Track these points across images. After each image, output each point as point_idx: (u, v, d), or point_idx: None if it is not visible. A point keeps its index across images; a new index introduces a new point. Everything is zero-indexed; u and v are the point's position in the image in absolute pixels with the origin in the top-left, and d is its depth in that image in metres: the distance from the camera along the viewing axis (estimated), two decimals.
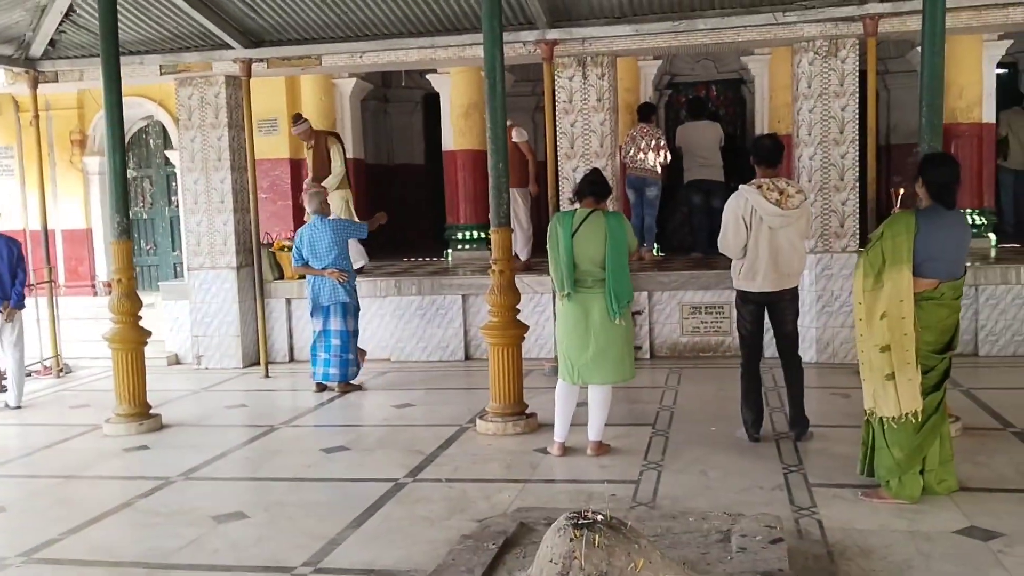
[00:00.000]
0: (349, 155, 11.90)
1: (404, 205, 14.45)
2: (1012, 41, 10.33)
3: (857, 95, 8.15)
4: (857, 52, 8.10)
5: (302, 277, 8.52)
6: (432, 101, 14.40)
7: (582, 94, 8.58)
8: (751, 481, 4.99)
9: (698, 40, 8.15)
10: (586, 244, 5.49)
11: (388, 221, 8.70)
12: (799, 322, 6.10)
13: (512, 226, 9.37)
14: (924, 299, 4.54)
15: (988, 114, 10.20)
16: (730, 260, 5.99)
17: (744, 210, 5.80)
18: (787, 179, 6.07)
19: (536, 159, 9.78)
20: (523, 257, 9.86)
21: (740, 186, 5.98)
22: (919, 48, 10.43)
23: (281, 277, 9.76)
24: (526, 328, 6.45)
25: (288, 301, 9.75)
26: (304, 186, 9.81)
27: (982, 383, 7.30)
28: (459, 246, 11.69)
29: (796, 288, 5.96)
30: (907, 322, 4.52)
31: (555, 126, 8.54)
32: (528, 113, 13.99)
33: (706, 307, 8.96)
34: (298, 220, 11.55)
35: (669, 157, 10.30)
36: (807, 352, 8.38)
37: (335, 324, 8.14)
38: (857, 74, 8.14)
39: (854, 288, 4.78)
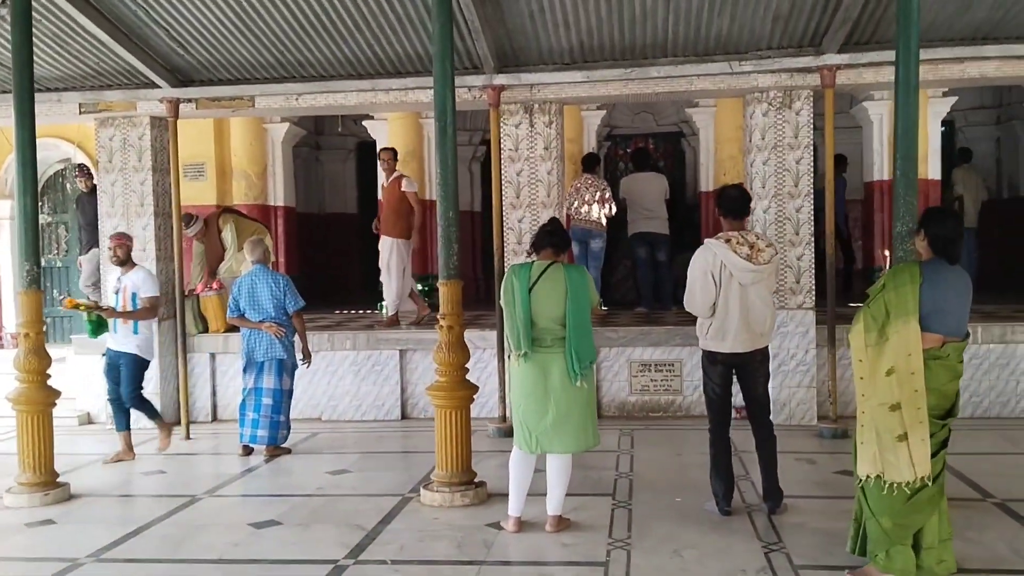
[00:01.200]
0: (280, 202, 11.40)
1: (336, 255, 13.94)
2: (957, 98, 10.40)
3: (811, 148, 7.97)
4: (811, 104, 7.94)
5: (235, 329, 7.91)
6: (366, 148, 14.02)
7: (529, 142, 8.23)
8: (731, 563, 4.55)
9: (650, 89, 7.88)
10: (545, 299, 5.06)
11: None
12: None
13: (384, 278, 9.25)
14: (929, 358, 4.23)
15: (934, 171, 10.20)
16: (691, 318, 5.64)
17: (713, 265, 5.45)
18: (756, 232, 5.77)
19: (420, 211, 9.58)
20: (391, 311, 9.49)
21: (706, 240, 5.65)
22: (864, 104, 10.56)
23: (205, 330, 9.11)
24: (475, 389, 5.97)
25: (212, 356, 9.10)
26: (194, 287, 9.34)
27: (953, 447, 7.02)
28: None
29: (767, 348, 5.61)
30: (917, 377, 4.18)
31: (500, 175, 8.14)
32: (465, 163, 13.66)
33: (656, 365, 8.60)
34: None
35: (614, 209, 10.03)
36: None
37: (268, 382, 7.58)
38: (811, 126, 7.97)
39: (853, 345, 4.44)
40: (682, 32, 7.37)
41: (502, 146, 8.20)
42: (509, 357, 5.30)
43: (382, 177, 9.55)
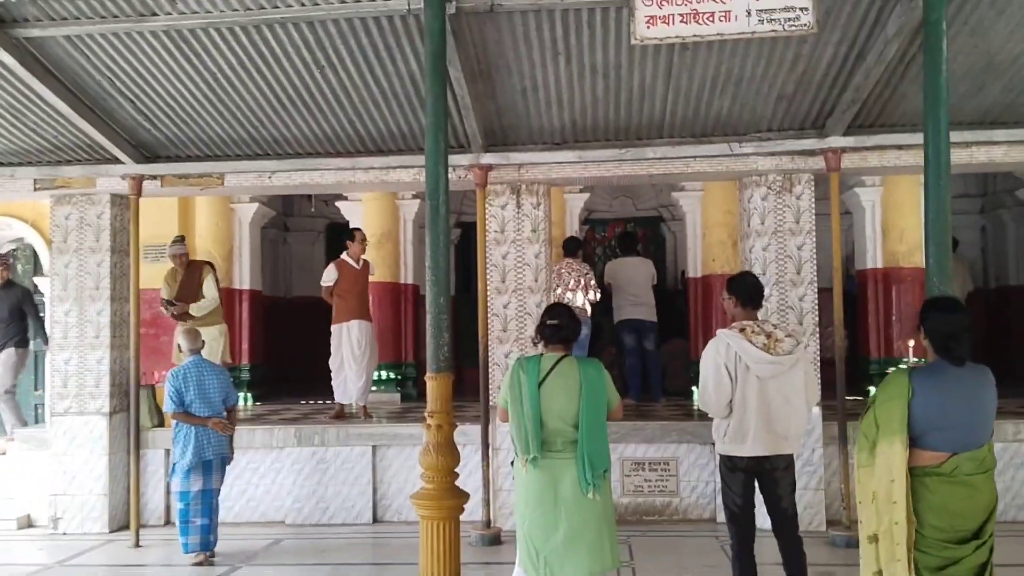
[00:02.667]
0: (246, 286, 10.81)
1: (303, 342, 13.28)
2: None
3: (814, 234, 7.59)
4: (812, 188, 7.59)
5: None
6: (336, 230, 13.51)
7: (515, 224, 7.76)
8: None
9: (644, 170, 7.49)
10: (556, 397, 4.50)
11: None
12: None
13: (350, 366, 8.72)
14: (928, 475, 3.70)
15: None
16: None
17: (726, 358, 4.96)
18: (773, 322, 5.30)
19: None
20: (363, 402, 8.96)
21: (719, 331, 5.17)
22: (856, 190, 10.29)
23: (161, 424, 8.38)
24: (466, 497, 5.33)
25: (168, 452, 8.33)
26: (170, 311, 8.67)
27: None
28: None
29: (792, 456, 5.08)
30: (898, 508, 3.65)
31: (486, 258, 7.65)
32: None
33: (650, 463, 8.01)
34: None
35: (598, 295, 9.58)
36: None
37: (217, 482, 7.03)
38: (813, 212, 7.61)
39: (855, 463, 3.96)
40: (680, 112, 7.01)
41: (487, 228, 7.72)
42: (513, 463, 4.71)
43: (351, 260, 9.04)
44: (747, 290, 5.20)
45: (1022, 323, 11.98)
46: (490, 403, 7.51)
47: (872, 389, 9.93)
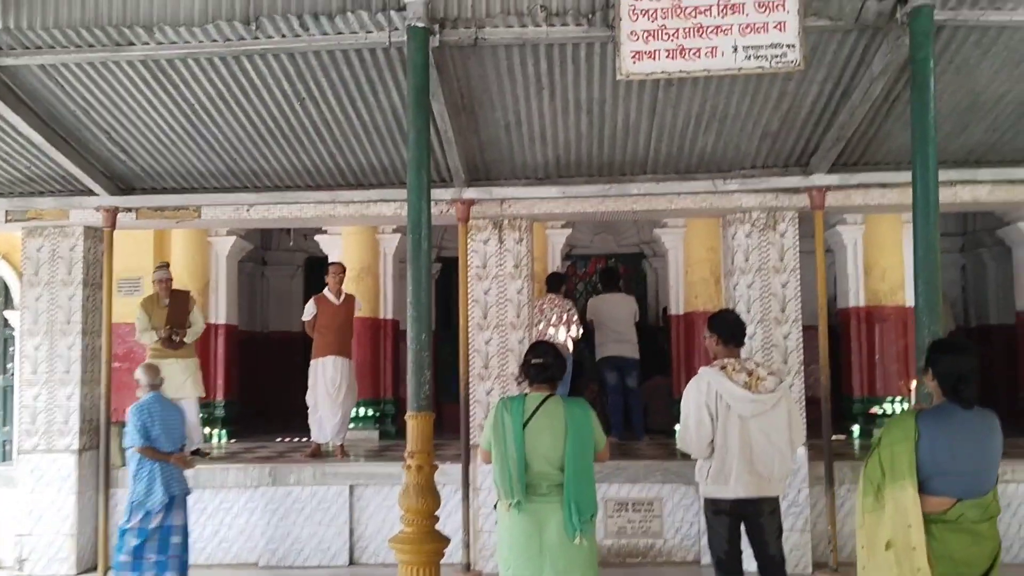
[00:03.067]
0: (222, 320, 10.63)
1: (279, 377, 13.07)
2: None
3: (798, 272, 7.54)
4: (796, 226, 7.55)
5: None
6: (315, 264, 13.37)
7: (498, 259, 7.66)
8: None
9: (628, 207, 7.43)
10: (541, 439, 4.36)
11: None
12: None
13: (325, 404, 8.56)
14: (933, 522, 3.59)
15: (911, 297, 9.83)
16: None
17: (707, 396, 4.87)
18: (755, 360, 5.21)
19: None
20: (339, 441, 8.76)
21: (701, 369, 5.08)
22: (837, 228, 10.27)
23: None
24: (447, 542, 5.17)
25: None
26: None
27: None
28: None
29: (777, 499, 4.97)
30: (918, 554, 3.54)
31: (468, 294, 7.53)
32: None
33: (633, 504, 7.85)
34: None
35: (580, 331, 9.48)
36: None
37: (178, 518, 6.79)
38: (797, 249, 7.55)
39: (857, 508, 3.84)
40: (664, 148, 6.96)
41: (469, 263, 7.61)
42: (496, 506, 4.56)
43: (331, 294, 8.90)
44: (728, 328, 5.13)
45: (1003, 362, 11.97)
46: (471, 442, 7.35)
47: (856, 428, 9.86)
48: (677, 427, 9.90)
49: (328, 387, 8.72)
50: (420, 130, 5.20)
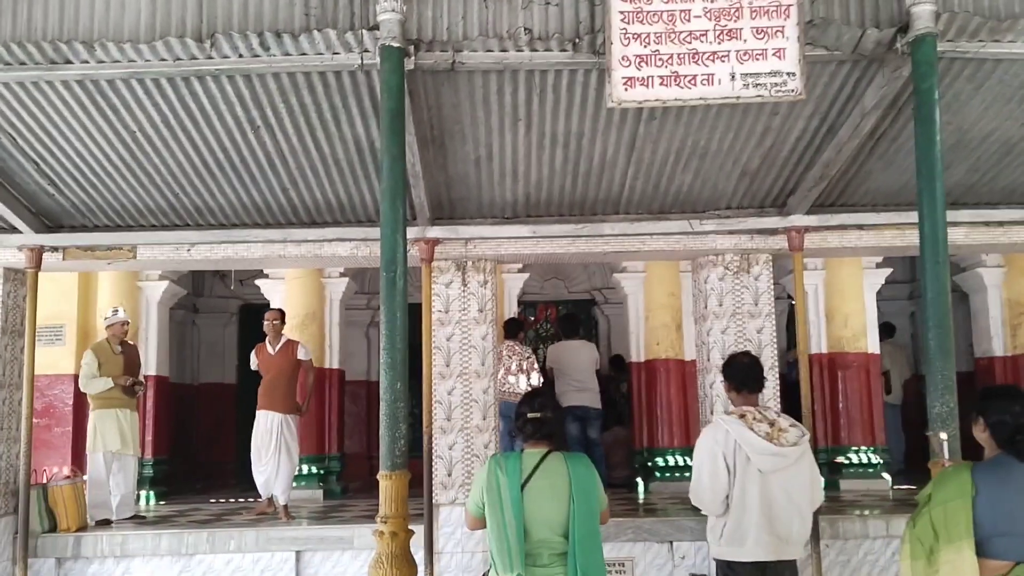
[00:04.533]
0: (152, 371, 9.89)
1: (212, 432, 12.27)
2: (892, 269, 10.06)
3: (773, 316, 7.24)
4: (770, 269, 7.27)
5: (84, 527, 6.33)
6: (250, 312, 12.67)
7: (461, 303, 7.18)
8: None
9: (599, 248, 7.06)
10: (542, 502, 3.83)
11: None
12: None
13: (275, 462, 7.96)
14: None
15: (873, 344, 9.68)
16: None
17: (725, 446, 4.44)
18: (776, 410, 4.82)
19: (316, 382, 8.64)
20: (285, 500, 8.15)
21: (717, 417, 4.65)
22: (792, 275, 10.05)
23: (54, 528, 7.34)
24: None
25: (59, 562, 7.27)
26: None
27: None
28: None
29: (796, 564, 4.54)
30: None
31: (431, 340, 7.02)
32: (362, 328, 12.48)
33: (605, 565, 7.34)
34: (79, 450, 9.24)
35: (541, 379, 9.02)
36: None
37: None
38: (771, 293, 7.27)
39: (901, 573, 3.45)
40: (640, 187, 6.63)
41: (431, 308, 7.12)
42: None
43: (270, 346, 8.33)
44: (741, 372, 4.72)
45: (960, 411, 11.87)
46: (433, 500, 6.80)
47: (821, 480, 9.55)
48: (639, 480, 9.66)
49: (257, 443, 8.19)
50: (395, 158, 4.74)
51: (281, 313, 8.54)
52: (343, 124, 5.78)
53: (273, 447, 8.15)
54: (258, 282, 10.07)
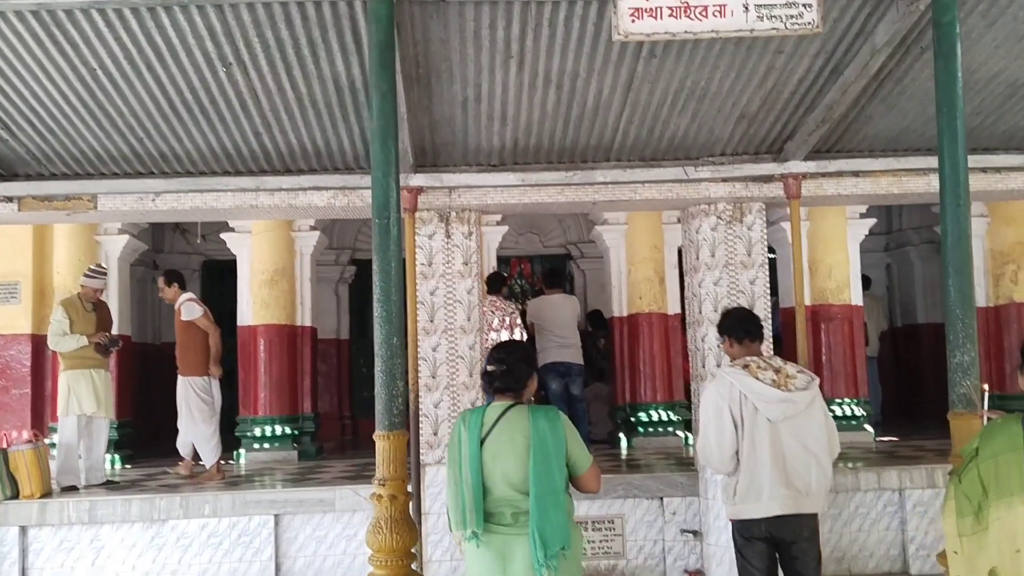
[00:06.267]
0: (115, 331, 9.44)
1: (173, 393, 11.82)
2: (876, 220, 9.90)
3: (766, 267, 7.02)
4: (763, 218, 7.03)
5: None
6: (213, 268, 12.24)
7: (445, 256, 6.86)
8: None
9: (589, 196, 6.75)
10: (501, 456, 3.59)
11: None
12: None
13: (189, 427, 7.90)
14: None
15: (856, 296, 9.55)
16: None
17: (730, 399, 4.22)
18: (780, 358, 4.60)
19: (220, 335, 8.23)
20: (209, 463, 8.00)
21: (719, 369, 4.43)
22: (782, 224, 9.87)
23: (16, 496, 6.96)
24: None
25: (24, 530, 6.90)
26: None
27: None
28: (256, 445, 9.31)
29: (816, 519, 4.34)
30: None
31: (416, 295, 6.70)
32: (331, 285, 12.10)
33: (593, 522, 7.16)
34: (39, 413, 8.84)
35: (524, 335, 8.76)
36: None
37: None
38: (764, 243, 7.04)
39: (945, 531, 3.24)
40: (634, 132, 6.33)
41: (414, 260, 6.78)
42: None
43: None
44: (738, 324, 4.55)
45: (931, 362, 11.86)
46: (421, 459, 6.54)
47: None
48: (621, 435, 9.48)
49: (187, 405, 8.12)
50: (385, 95, 4.39)
51: (163, 278, 8.31)
52: (322, 61, 5.37)
53: (187, 408, 8.07)
54: (224, 236, 9.63)
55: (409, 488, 4.41)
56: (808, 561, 4.25)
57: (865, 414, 9.37)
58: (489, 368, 3.81)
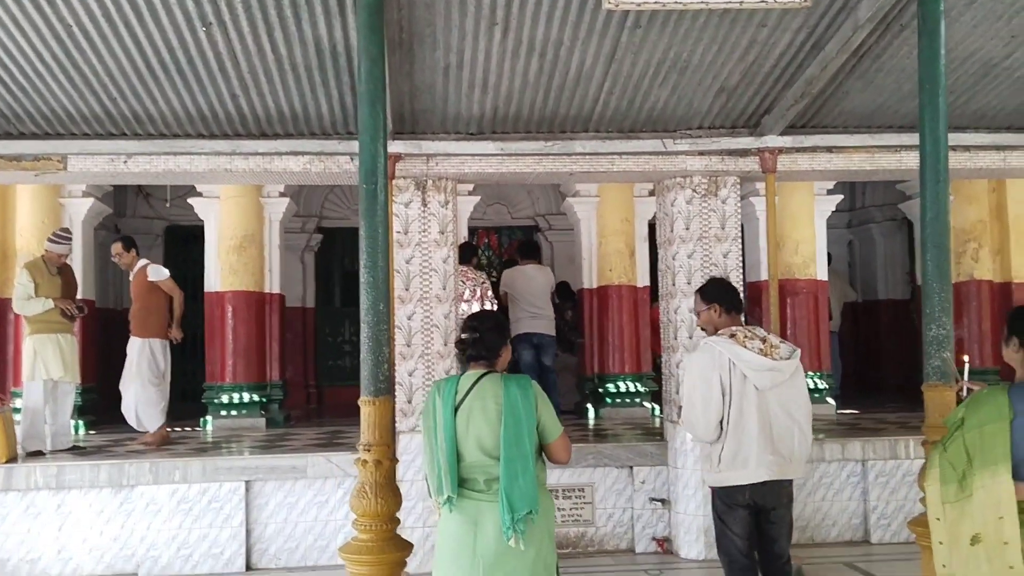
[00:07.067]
0: (79, 295, 9.27)
1: None
2: (842, 196, 10.04)
3: (740, 240, 7.10)
4: (738, 192, 7.10)
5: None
6: (176, 234, 12.08)
7: (421, 224, 6.84)
8: None
9: (567, 167, 6.77)
10: (474, 423, 3.62)
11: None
12: None
13: (137, 390, 7.82)
14: (1020, 512, 3.15)
15: (822, 271, 9.69)
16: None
17: (720, 366, 4.27)
18: (763, 329, 4.67)
19: (183, 298, 8.15)
20: (153, 427, 7.92)
21: (704, 340, 4.48)
22: (752, 199, 9.97)
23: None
24: (410, 548, 4.37)
25: None
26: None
27: None
28: (223, 411, 9.25)
29: (792, 484, 4.44)
30: (1012, 550, 3.06)
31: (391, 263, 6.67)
32: (297, 252, 11.99)
33: (563, 490, 7.23)
34: (1, 378, 8.69)
35: (495, 306, 8.78)
36: (692, 546, 6.92)
37: None
38: (739, 217, 7.12)
39: (928, 499, 3.33)
40: (614, 103, 6.34)
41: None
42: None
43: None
44: (728, 294, 4.59)
45: (889, 337, 12.14)
46: (396, 427, 6.55)
47: None
48: (589, 406, 9.57)
49: (138, 367, 8.03)
50: (375, 59, 4.35)
51: (121, 244, 8.18)
52: (305, 24, 5.29)
53: (149, 373, 7.97)
54: (191, 200, 9.49)
55: (396, 457, 4.42)
56: (783, 527, 4.36)
57: (828, 387, 9.55)
58: (463, 336, 3.86)
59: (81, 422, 9.01)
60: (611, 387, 9.56)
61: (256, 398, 9.24)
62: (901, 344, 11.55)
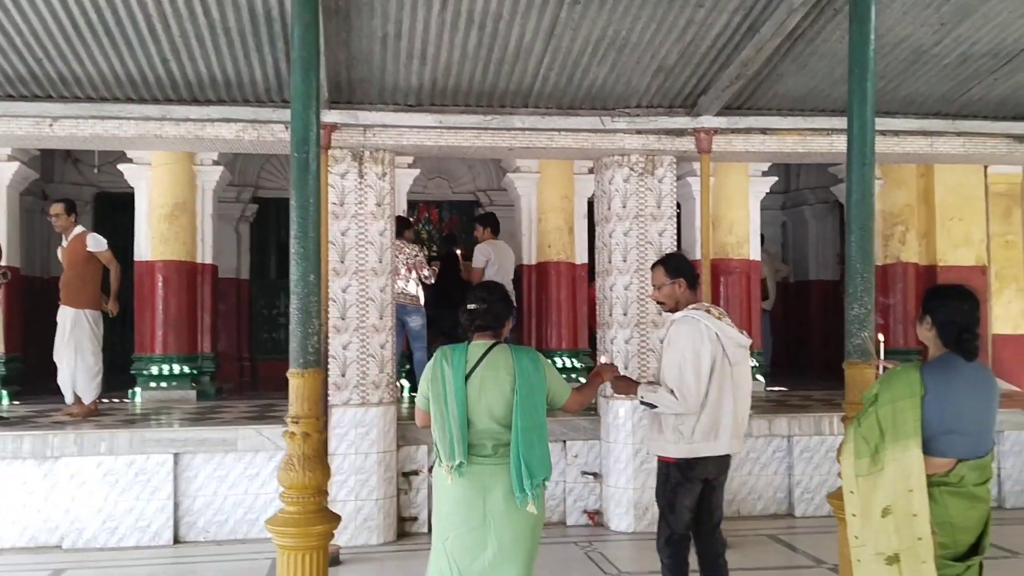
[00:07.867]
0: (3, 262, 9.01)
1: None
2: (777, 178, 10.19)
3: (675, 219, 7.18)
4: (674, 171, 7.17)
5: None
6: (106, 201, 11.78)
7: (357, 196, 6.77)
8: None
9: (506, 142, 6.75)
10: (485, 393, 3.76)
11: None
12: None
13: (74, 362, 7.64)
14: (934, 485, 3.25)
15: (755, 251, 9.85)
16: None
17: (710, 340, 4.32)
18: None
19: (119, 271, 7.98)
20: (89, 399, 7.80)
21: (686, 313, 4.44)
22: (688, 180, 10.08)
23: None
24: (338, 520, 4.35)
25: None
26: None
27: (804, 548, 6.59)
28: (152, 383, 9.07)
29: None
30: (920, 521, 3.20)
31: (326, 234, 6.60)
32: (232, 223, 11.78)
33: None
34: None
35: (435, 275, 8.77)
36: (622, 519, 7.03)
37: None
38: (674, 196, 7.19)
39: (843, 472, 3.44)
40: (553, 79, 6.34)
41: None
42: (431, 469, 3.93)
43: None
44: (691, 269, 4.64)
45: (818, 317, 12.40)
46: (328, 400, 6.51)
47: None
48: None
49: (56, 340, 7.88)
50: (308, 25, 4.26)
51: (63, 205, 7.97)
52: None
53: (65, 343, 7.78)
54: (121, 167, 9.25)
55: (322, 430, 4.39)
56: (720, 494, 4.49)
57: (758, 364, 9.72)
58: (471, 307, 3.94)
59: (4, 392, 8.77)
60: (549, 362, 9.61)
61: (187, 370, 9.09)
62: (830, 324, 11.81)
